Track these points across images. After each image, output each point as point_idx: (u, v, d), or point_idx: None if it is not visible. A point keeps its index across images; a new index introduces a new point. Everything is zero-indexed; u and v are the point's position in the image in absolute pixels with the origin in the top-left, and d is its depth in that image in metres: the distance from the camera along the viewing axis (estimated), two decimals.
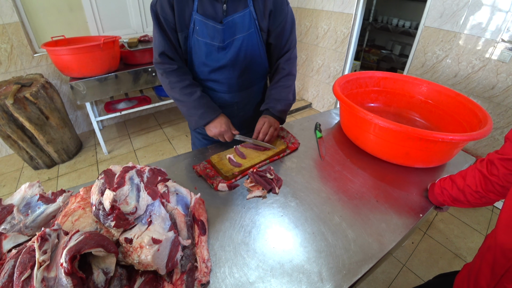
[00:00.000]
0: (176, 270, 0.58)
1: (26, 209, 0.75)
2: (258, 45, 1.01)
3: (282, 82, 1.08)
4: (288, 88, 1.09)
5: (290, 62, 1.10)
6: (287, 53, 1.08)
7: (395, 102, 1.36)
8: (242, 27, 0.94)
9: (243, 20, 0.94)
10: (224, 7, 0.91)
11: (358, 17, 2.62)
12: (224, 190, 0.83)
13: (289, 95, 1.09)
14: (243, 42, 0.96)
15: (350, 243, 0.67)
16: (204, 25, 0.91)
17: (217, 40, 0.94)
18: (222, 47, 0.95)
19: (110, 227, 0.59)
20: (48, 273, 0.49)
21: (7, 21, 2.40)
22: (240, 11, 0.93)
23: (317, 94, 3.47)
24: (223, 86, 1.06)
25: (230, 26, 0.93)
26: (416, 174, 0.94)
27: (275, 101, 1.06)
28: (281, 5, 0.97)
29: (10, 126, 2.27)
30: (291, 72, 1.10)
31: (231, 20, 0.92)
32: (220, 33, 0.93)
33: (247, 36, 0.96)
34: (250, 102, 1.17)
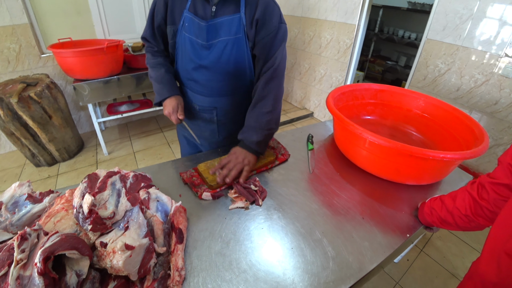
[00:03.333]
0: (148, 277, 0.58)
1: (14, 207, 0.76)
2: (245, 52, 0.97)
3: (261, 106, 0.97)
4: (269, 114, 0.96)
5: (273, 82, 0.97)
6: (270, 70, 0.96)
7: (391, 115, 1.35)
8: (229, 30, 0.93)
9: (230, 24, 0.93)
10: (214, 8, 0.93)
11: (361, 27, 2.62)
12: (208, 199, 0.83)
13: (270, 123, 0.96)
14: (227, 45, 0.95)
15: (329, 261, 0.66)
16: (192, 22, 0.95)
17: (201, 38, 0.95)
18: (205, 46, 0.96)
19: (87, 230, 0.60)
20: (24, 271, 0.50)
21: (17, 22, 2.46)
22: (229, 15, 0.93)
23: (319, 103, 3.46)
24: (203, 88, 1.04)
25: (215, 26, 0.94)
26: (407, 191, 0.93)
27: (251, 130, 0.96)
28: (270, 17, 0.93)
29: (14, 124, 2.31)
30: (273, 95, 0.97)
31: (216, 21, 0.93)
32: (204, 31, 0.94)
33: (232, 40, 0.94)
34: (232, 111, 1.11)
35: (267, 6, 0.93)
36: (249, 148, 0.94)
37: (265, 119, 0.96)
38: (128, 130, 3.29)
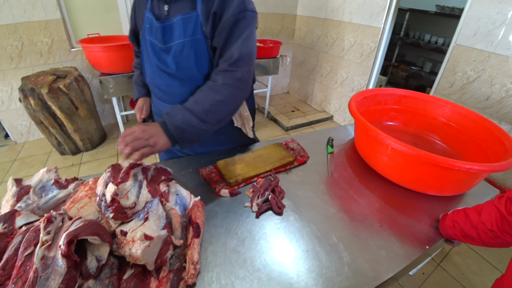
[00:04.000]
0: (164, 267, 0.59)
1: (41, 191, 0.81)
2: (206, 55, 0.86)
3: (211, 90, 0.81)
4: (216, 104, 0.79)
5: (227, 74, 0.81)
6: (227, 63, 0.81)
7: (415, 123, 1.31)
8: (184, 31, 0.83)
9: (185, 24, 0.82)
10: (166, 7, 0.85)
11: (386, 31, 2.56)
12: (226, 196, 0.84)
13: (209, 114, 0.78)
14: (184, 48, 0.84)
15: (344, 266, 0.65)
16: (151, 22, 0.88)
17: (158, 40, 0.88)
18: (163, 48, 0.88)
19: (109, 218, 0.62)
20: (49, 252, 0.53)
21: (50, 17, 2.59)
22: (184, 13, 0.82)
23: (339, 107, 3.41)
24: (165, 94, 0.96)
25: (170, 27, 0.85)
26: (427, 202, 0.89)
27: (182, 109, 0.77)
28: (229, 4, 0.79)
29: (43, 113, 2.43)
30: (229, 92, 0.80)
31: (169, 23, 0.84)
32: (159, 32, 0.86)
33: (189, 42, 0.83)
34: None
35: None
36: (166, 127, 0.75)
37: (204, 106, 0.78)
38: None
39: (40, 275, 0.50)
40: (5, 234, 0.61)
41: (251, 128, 1.11)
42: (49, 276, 0.50)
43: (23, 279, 0.50)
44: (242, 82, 0.83)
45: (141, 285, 0.57)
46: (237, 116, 1.05)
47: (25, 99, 2.36)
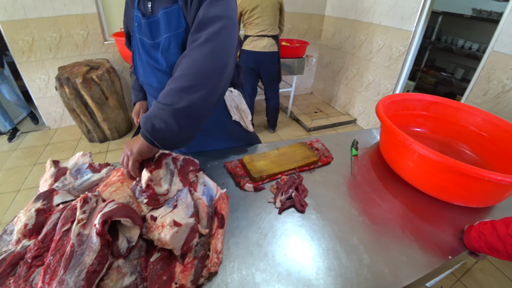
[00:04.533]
0: (189, 254, 0.62)
1: (77, 173, 0.86)
2: None
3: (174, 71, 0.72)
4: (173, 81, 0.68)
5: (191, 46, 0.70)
6: (191, 31, 0.73)
7: (443, 130, 1.27)
8: (169, 25, 0.80)
9: (168, 17, 0.79)
10: (149, 4, 0.83)
11: (417, 35, 2.48)
12: (250, 191, 0.86)
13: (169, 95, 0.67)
14: (170, 43, 0.81)
15: (363, 268, 0.65)
16: (139, 20, 0.87)
17: (147, 37, 0.86)
18: (152, 45, 0.86)
19: (142, 203, 0.65)
20: (84, 230, 0.57)
21: (87, 11, 2.73)
22: (166, 7, 0.79)
23: (364, 110, 3.35)
24: (158, 93, 0.89)
25: (156, 22, 0.82)
26: (453, 212, 0.87)
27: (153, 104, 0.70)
28: None
29: (76, 101, 2.57)
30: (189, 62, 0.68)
31: (155, 18, 0.82)
32: (147, 29, 0.84)
33: (174, 36, 0.80)
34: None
35: None
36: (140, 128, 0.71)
37: (168, 86, 0.68)
38: None
39: (76, 250, 0.54)
40: (44, 210, 0.67)
41: (249, 121, 1.09)
42: (84, 252, 0.54)
43: (60, 252, 0.54)
44: (206, 47, 0.68)
45: (166, 268, 0.60)
46: (234, 110, 1.04)
47: (61, 88, 2.51)
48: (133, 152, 0.68)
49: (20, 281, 0.53)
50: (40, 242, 0.58)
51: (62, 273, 0.50)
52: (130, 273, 0.56)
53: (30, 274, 0.54)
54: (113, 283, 0.54)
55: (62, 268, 0.51)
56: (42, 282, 0.50)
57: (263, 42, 2.58)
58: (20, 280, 0.53)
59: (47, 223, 0.62)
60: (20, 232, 0.62)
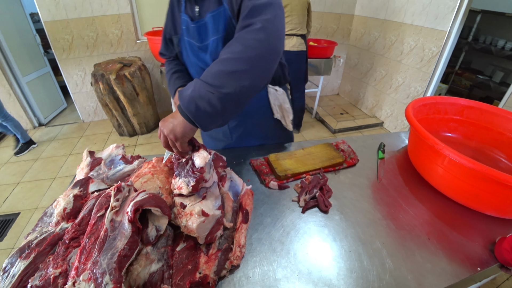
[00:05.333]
0: (214, 245, 0.65)
1: (110, 164, 0.92)
2: None
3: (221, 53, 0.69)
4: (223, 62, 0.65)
5: (243, 30, 0.69)
6: (241, 18, 0.71)
7: (478, 136, 1.21)
8: (216, 28, 0.82)
9: (216, 20, 0.81)
10: (197, 8, 0.85)
11: (452, 35, 2.36)
12: (274, 189, 0.87)
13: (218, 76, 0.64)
14: (218, 44, 0.83)
15: (386, 272, 0.64)
16: (187, 24, 0.90)
17: (195, 40, 0.89)
18: (200, 47, 0.89)
19: (188, 183, 0.65)
20: (116, 216, 0.61)
21: (122, 11, 2.87)
22: (212, 10, 0.80)
23: (391, 113, 3.24)
24: None
25: (204, 26, 0.85)
26: (484, 222, 0.83)
27: (192, 82, 0.67)
28: None
29: (109, 97, 2.71)
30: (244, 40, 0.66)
31: (203, 22, 0.85)
32: (195, 32, 0.87)
33: (222, 38, 0.82)
34: (245, 113, 1.02)
35: None
36: (181, 109, 0.66)
37: (215, 68, 0.65)
38: None
39: (109, 235, 0.58)
40: (80, 196, 0.72)
41: (290, 121, 1.10)
42: (116, 237, 0.58)
43: (95, 235, 0.59)
44: (261, 32, 0.66)
45: (192, 258, 0.63)
46: (277, 108, 1.06)
47: (96, 83, 2.66)
48: (177, 136, 0.66)
49: (59, 259, 0.57)
50: (77, 225, 0.63)
51: (96, 254, 0.54)
52: (157, 260, 0.60)
53: (67, 253, 0.59)
54: (141, 268, 0.58)
55: (97, 250, 0.55)
56: (78, 262, 0.54)
57: (292, 41, 2.58)
58: (59, 258, 0.58)
59: (84, 208, 0.67)
60: (59, 215, 0.67)
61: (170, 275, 0.59)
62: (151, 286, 0.56)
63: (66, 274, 0.55)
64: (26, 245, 0.62)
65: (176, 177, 0.68)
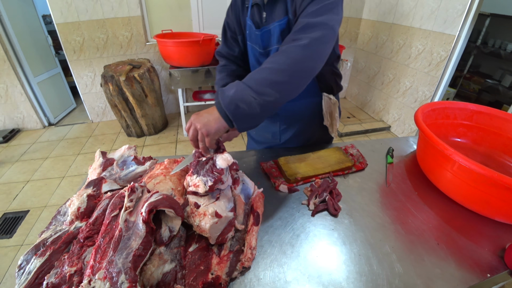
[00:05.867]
0: (225, 247, 0.66)
1: (123, 165, 0.93)
2: None
3: (271, 60, 0.71)
4: (273, 71, 0.68)
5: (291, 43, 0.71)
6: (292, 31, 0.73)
7: (487, 142, 1.20)
8: (280, 37, 0.86)
9: (281, 30, 0.85)
10: (264, 14, 0.88)
11: (461, 39, 2.35)
12: (284, 192, 0.88)
13: (266, 83, 0.67)
14: None
15: (395, 277, 0.65)
16: (251, 29, 0.94)
17: (257, 46, 0.94)
18: (262, 53, 0.95)
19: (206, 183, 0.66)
20: (130, 217, 0.62)
21: (132, 14, 2.91)
22: (278, 21, 0.84)
23: (398, 117, 3.22)
24: None
25: (268, 34, 0.89)
26: (493, 228, 0.83)
27: (237, 83, 0.70)
28: None
29: (118, 98, 2.75)
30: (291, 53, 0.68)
31: (267, 29, 0.88)
32: (259, 39, 0.92)
33: None
34: (294, 116, 1.08)
35: None
36: (219, 107, 0.69)
37: (260, 75, 0.68)
38: None
39: (123, 235, 0.59)
40: (94, 196, 0.74)
41: (336, 129, 1.15)
42: (130, 237, 0.59)
43: (110, 235, 0.60)
44: (307, 49, 0.69)
45: (204, 259, 0.64)
46: (328, 115, 1.09)
47: (105, 84, 2.70)
48: (210, 132, 0.68)
49: (74, 258, 0.59)
50: (91, 225, 0.64)
51: (111, 254, 0.55)
52: (170, 260, 0.61)
53: (82, 252, 0.60)
54: (155, 268, 0.59)
55: (111, 250, 0.56)
56: (94, 261, 0.55)
57: None
58: (74, 256, 0.59)
59: (97, 208, 0.68)
60: (74, 214, 0.69)
61: (183, 275, 0.60)
62: (164, 286, 0.57)
63: (81, 272, 0.56)
64: (41, 242, 0.63)
65: (193, 174, 0.69)
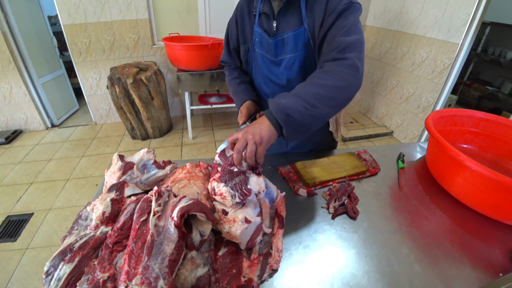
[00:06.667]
0: (254, 250, 0.68)
1: (143, 168, 0.94)
2: (314, 67, 0.91)
3: (317, 76, 0.76)
4: (323, 87, 0.73)
5: (338, 62, 0.77)
6: (336, 51, 0.79)
7: (493, 149, 1.25)
8: (295, 46, 0.89)
9: (296, 39, 0.88)
10: (275, 23, 0.91)
11: (464, 47, 2.40)
12: (303, 196, 0.91)
13: (317, 97, 0.72)
14: (295, 62, 0.91)
15: (415, 277, 0.68)
16: (262, 37, 0.96)
17: (270, 54, 0.96)
18: (274, 61, 0.97)
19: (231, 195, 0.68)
20: (159, 221, 0.62)
21: (140, 17, 2.94)
22: (293, 30, 0.87)
23: (402, 123, 3.27)
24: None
25: (282, 42, 0.91)
26: (503, 231, 0.87)
27: (286, 94, 0.74)
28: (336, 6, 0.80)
29: (124, 100, 2.77)
30: (342, 74, 0.74)
31: (281, 38, 0.91)
32: (272, 47, 0.94)
33: (300, 56, 0.90)
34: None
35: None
36: (270, 115, 0.72)
37: (312, 89, 0.73)
38: (212, 120, 3.62)
39: (155, 239, 0.59)
40: (117, 200, 0.74)
41: (341, 134, 1.19)
42: (162, 242, 0.59)
43: (141, 240, 0.59)
44: (354, 68, 0.76)
45: (235, 262, 0.65)
46: (334, 121, 1.13)
47: (112, 87, 2.72)
48: (263, 140, 0.70)
49: (105, 263, 0.58)
50: (119, 230, 0.64)
51: (146, 259, 0.55)
52: (203, 265, 0.61)
53: (113, 258, 0.59)
54: (188, 272, 0.59)
55: (146, 255, 0.56)
56: (128, 266, 0.55)
57: None
58: (105, 262, 0.58)
59: (124, 213, 0.67)
60: (99, 219, 0.69)
61: (216, 279, 0.61)
62: None
63: (114, 278, 0.56)
64: (67, 248, 0.63)
65: (220, 182, 0.71)
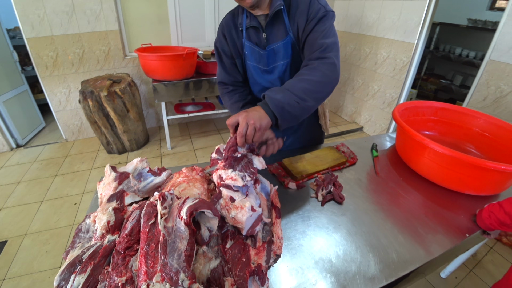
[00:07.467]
0: (258, 239, 0.74)
1: (139, 177, 0.95)
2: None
3: (303, 73, 0.87)
4: (309, 82, 0.84)
5: (322, 60, 0.88)
6: (319, 51, 0.89)
7: (451, 133, 1.42)
8: (285, 54, 1.00)
9: (285, 48, 0.99)
10: (264, 35, 1.00)
11: (419, 46, 2.67)
12: (293, 188, 0.99)
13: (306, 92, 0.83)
14: (286, 68, 1.02)
15: (400, 245, 0.78)
16: (252, 50, 1.04)
17: (262, 64, 1.05)
18: (267, 70, 1.05)
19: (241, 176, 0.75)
20: (166, 223, 0.65)
21: (110, 28, 2.89)
22: (281, 40, 0.98)
23: (370, 118, 3.50)
24: None
25: (272, 53, 1.01)
26: (466, 200, 1.01)
27: (279, 90, 0.83)
28: (312, 10, 0.92)
29: (98, 114, 2.69)
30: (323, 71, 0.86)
31: (271, 48, 1.00)
32: (264, 58, 1.03)
33: (290, 62, 1.01)
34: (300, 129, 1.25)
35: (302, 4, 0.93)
36: (266, 107, 0.81)
37: (302, 85, 0.84)
38: (189, 129, 3.61)
39: (167, 239, 0.62)
40: (119, 209, 0.76)
41: (328, 125, 1.31)
42: (174, 240, 0.61)
43: (154, 241, 0.62)
44: (335, 66, 0.89)
45: (243, 252, 0.70)
46: (322, 114, 1.24)
47: (84, 101, 2.64)
48: (262, 126, 0.79)
49: (121, 268, 0.60)
50: (128, 235, 0.66)
51: (163, 258, 0.58)
52: (215, 257, 0.66)
53: (127, 262, 0.62)
54: (202, 266, 0.63)
55: (162, 254, 0.58)
56: (146, 266, 0.57)
57: None
58: (120, 267, 0.60)
59: (129, 220, 0.69)
60: (104, 228, 0.70)
61: (229, 269, 0.65)
62: (214, 281, 0.61)
63: (131, 280, 0.59)
64: (76, 260, 0.63)
65: (227, 168, 0.77)
